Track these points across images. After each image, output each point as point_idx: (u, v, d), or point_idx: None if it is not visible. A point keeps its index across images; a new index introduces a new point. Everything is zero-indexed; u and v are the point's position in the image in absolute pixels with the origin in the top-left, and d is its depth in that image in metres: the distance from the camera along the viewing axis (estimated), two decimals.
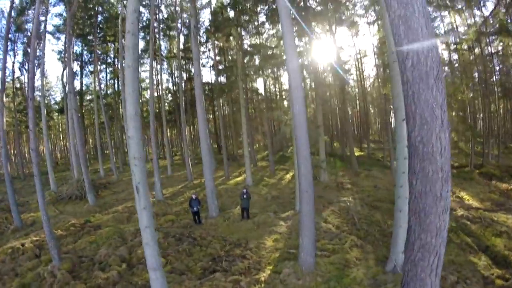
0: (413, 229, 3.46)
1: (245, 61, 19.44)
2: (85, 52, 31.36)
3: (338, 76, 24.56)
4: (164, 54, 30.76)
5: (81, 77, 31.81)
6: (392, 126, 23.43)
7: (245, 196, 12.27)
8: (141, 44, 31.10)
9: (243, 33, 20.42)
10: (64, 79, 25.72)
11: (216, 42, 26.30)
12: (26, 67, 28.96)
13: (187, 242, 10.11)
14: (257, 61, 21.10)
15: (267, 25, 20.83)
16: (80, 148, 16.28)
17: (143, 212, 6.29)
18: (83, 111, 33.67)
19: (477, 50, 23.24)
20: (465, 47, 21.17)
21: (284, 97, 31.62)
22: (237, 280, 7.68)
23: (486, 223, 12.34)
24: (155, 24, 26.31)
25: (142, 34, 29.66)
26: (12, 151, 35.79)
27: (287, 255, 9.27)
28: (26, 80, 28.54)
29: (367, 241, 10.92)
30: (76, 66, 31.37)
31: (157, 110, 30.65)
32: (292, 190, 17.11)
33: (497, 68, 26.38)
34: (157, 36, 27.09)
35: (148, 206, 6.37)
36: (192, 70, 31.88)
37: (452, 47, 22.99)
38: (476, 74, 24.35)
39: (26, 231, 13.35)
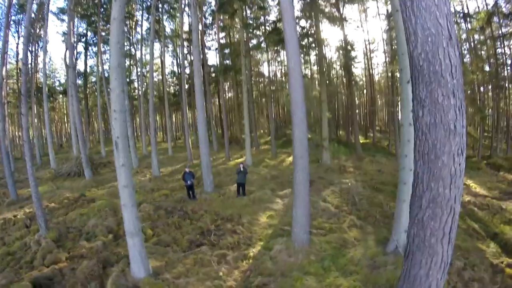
0: (420, 177, 2.79)
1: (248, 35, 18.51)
2: (89, 34, 30.79)
3: (346, 63, 23.61)
4: (168, 35, 29.87)
5: (86, 58, 31.38)
6: (399, 118, 22.45)
7: (241, 169, 11.64)
8: (145, 26, 30.36)
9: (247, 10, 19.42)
10: (67, 59, 25.25)
11: (220, 23, 25.47)
12: (31, 49, 28.56)
13: (178, 215, 9.64)
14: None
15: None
16: (78, 123, 15.85)
17: (121, 170, 5.75)
18: (87, 92, 33.27)
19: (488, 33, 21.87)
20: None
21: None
22: (224, 255, 7.15)
23: (494, 210, 11.55)
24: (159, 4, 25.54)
25: (146, 15, 28.93)
26: (16, 133, 35.74)
27: (280, 231, 8.70)
28: (30, 62, 28.25)
29: (367, 222, 10.26)
30: (80, 47, 30.97)
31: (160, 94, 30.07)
32: (293, 171, 16.47)
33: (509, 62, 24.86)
34: (161, 16, 26.23)
35: (127, 164, 5.82)
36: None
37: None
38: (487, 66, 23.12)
39: (21, 204, 13.13)
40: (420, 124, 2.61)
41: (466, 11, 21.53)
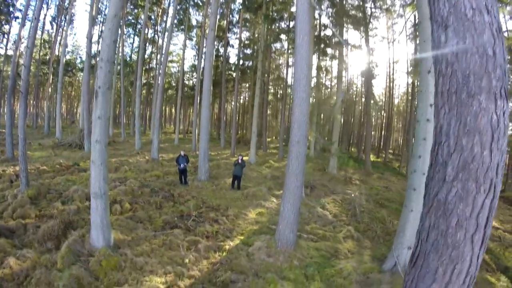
0: (445, 132, 1.88)
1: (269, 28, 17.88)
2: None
3: (367, 80, 22.77)
4: (192, 25, 29.71)
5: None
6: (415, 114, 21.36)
7: (239, 162, 10.90)
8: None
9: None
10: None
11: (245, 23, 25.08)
12: (57, 22, 29.04)
13: (162, 196, 8.95)
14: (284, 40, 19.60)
15: None
16: (86, 92, 15.58)
17: (97, 123, 5.16)
18: None
19: None
20: None
21: None
22: (197, 242, 6.37)
23: (506, 243, 10.40)
24: None
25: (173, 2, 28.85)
26: (30, 102, 36.27)
27: (266, 230, 7.87)
28: (55, 34, 28.66)
29: (366, 235, 9.26)
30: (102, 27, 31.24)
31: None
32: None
33: None
34: (187, 5, 26.15)
35: (104, 116, 5.21)
36: (221, 50, 30.97)
37: None
38: None
39: (14, 163, 12.85)
40: (442, 54, 1.79)
41: None
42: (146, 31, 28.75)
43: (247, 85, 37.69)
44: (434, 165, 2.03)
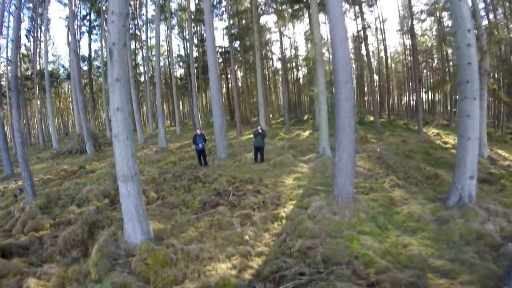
0: None
1: None
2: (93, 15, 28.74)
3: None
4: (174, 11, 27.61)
5: (90, 41, 29.37)
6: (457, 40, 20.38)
7: (259, 131, 9.69)
8: (151, 8, 28.09)
9: None
10: (70, 41, 23.40)
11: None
12: (33, 34, 26.71)
13: (188, 178, 7.77)
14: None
15: None
16: (79, 93, 14.04)
17: (115, 86, 3.92)
18: (92, 76, 31.37)
19: None
20: None
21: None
22: (248, 215, 5.30)
23: None
24: None
25: None
26: (22, 120, 34.16)
27: (313, 191, 6.81)
28: (33, 47, 26.41)
29: (408, 182, 8.41)
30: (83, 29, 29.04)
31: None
32: (311, 142, 14.53)
33: None
34: None
35: (124, 78, 3.94)
36: (204, 34, 28.94)
37: None
38: None
39: (15, 179, 11.56)
40: None
41: None
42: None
43: (236, 67, 35.95)
44: None
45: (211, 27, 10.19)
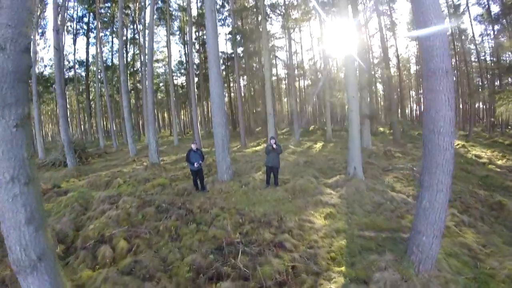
0: None
1: None
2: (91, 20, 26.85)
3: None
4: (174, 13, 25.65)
5: (87, 45, 27.36)
6: None
7: (273, 147, 7.33)
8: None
9: None
10: (53, 37, 21.35)
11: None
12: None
13: (177, 215, 5.40)
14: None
15: None
16: (59, 96, 11.81)
17: None
18: (89, 82, 29.20)
19: None
20: None
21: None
22: None
23: None
24: None
25: None
26: None
27: (363, 241, 4.48)
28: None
29: (472, 216, 6.18)
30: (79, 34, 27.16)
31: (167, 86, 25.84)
32: (329, 158, 12.21)
33: None
34: None
35: None
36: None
37: None
38: None
39: None
40: None
41: None
42: (124, 31, 24.81)
43: (241, 73, 33.91)
44: None
45: (214, 23, 7.99)
